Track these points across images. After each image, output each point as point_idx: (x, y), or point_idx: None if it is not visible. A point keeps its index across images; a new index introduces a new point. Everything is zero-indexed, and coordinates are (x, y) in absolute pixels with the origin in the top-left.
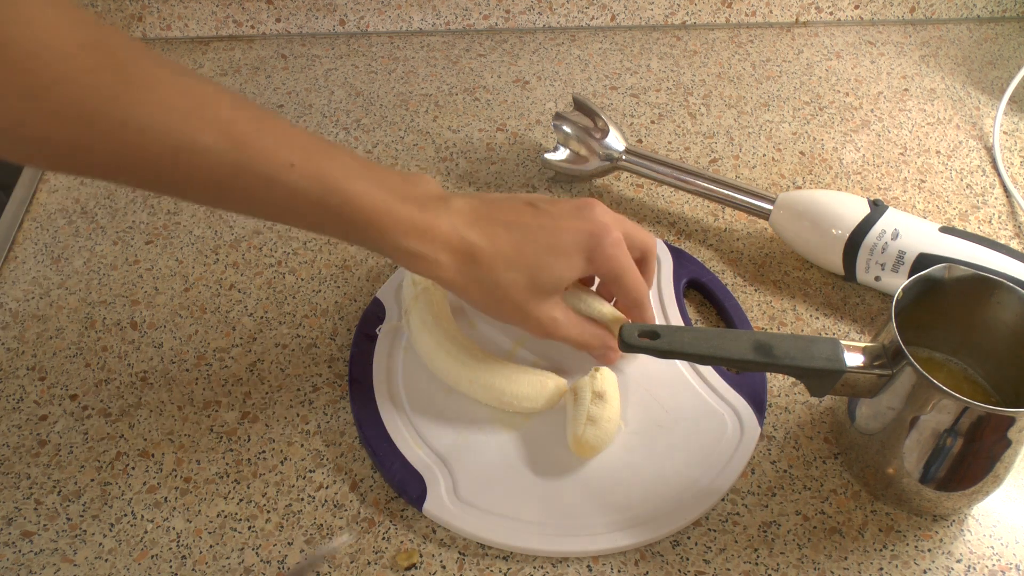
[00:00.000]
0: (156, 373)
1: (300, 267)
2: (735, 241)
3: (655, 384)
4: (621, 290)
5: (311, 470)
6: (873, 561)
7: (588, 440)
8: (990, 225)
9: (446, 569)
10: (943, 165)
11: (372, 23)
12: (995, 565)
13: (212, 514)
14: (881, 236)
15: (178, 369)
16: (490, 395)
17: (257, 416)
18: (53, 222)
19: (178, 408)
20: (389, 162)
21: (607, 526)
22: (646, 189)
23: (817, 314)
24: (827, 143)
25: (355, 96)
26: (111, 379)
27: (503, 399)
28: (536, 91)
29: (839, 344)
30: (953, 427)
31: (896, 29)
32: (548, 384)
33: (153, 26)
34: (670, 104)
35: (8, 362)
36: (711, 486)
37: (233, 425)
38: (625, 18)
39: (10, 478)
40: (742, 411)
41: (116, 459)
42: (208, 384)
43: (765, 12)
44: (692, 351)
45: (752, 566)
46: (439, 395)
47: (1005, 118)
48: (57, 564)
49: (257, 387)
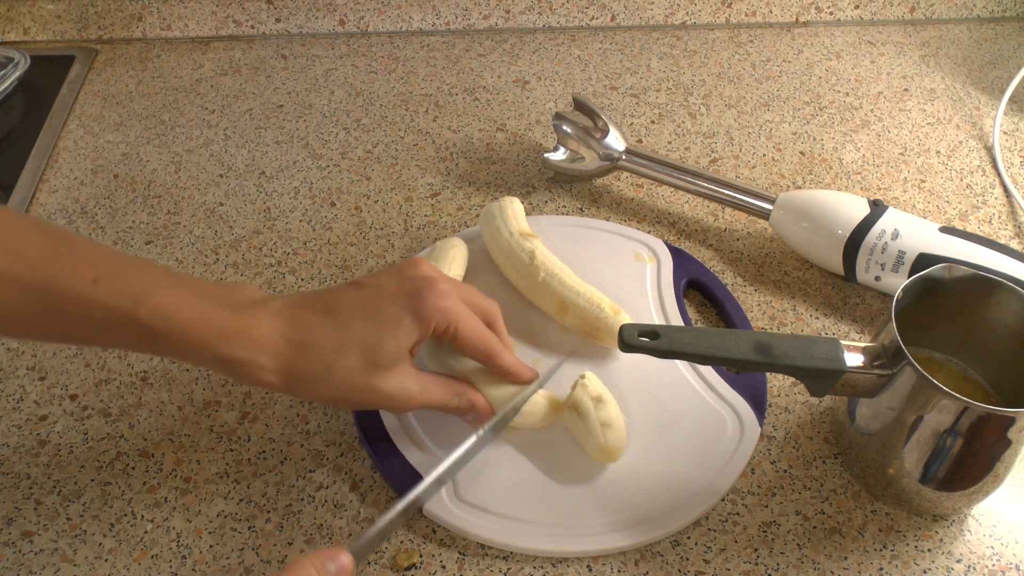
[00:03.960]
0: (156, 373)
1: (300, 267)
2: (735, 241)
3: (655, 384)
4: (460, 342)
5: (311, 470)
6: (873, 561)
7: (612, 444)
8: (990, 225)
9: (446, 569)
10: (943, 165)
11: (372, 23)
12: (995, 565)
13: (212, 514)
14: (881, 236)
15: (178, 369)
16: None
17: (257, 416)
18: (53, 222)
19: (178, 408)
20: (389, 162)
21: (607, 526)
22: (646, 189)
23: (817, 314)
24: (827, 143)
25: (355, 96)
26: (111, 379)
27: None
28: (536, 91)
29: (839, 344)
30: (953, 427)
31: (896, 29)
32: (542, 402)
33: (153, 26)
34: (670, 104)
35: (8, 362)
36: (711, 486)
37: (233, 425)
38: (625, 18)
39: (10, 478)
40: (742, 411)
41: (116, 459)
42: (208, 384)
43: (765, 12)
44: (692, 351)
45: (752, 566)
46: None
47: (1005, 118)
48: (57, 564)
49: (257, 387)
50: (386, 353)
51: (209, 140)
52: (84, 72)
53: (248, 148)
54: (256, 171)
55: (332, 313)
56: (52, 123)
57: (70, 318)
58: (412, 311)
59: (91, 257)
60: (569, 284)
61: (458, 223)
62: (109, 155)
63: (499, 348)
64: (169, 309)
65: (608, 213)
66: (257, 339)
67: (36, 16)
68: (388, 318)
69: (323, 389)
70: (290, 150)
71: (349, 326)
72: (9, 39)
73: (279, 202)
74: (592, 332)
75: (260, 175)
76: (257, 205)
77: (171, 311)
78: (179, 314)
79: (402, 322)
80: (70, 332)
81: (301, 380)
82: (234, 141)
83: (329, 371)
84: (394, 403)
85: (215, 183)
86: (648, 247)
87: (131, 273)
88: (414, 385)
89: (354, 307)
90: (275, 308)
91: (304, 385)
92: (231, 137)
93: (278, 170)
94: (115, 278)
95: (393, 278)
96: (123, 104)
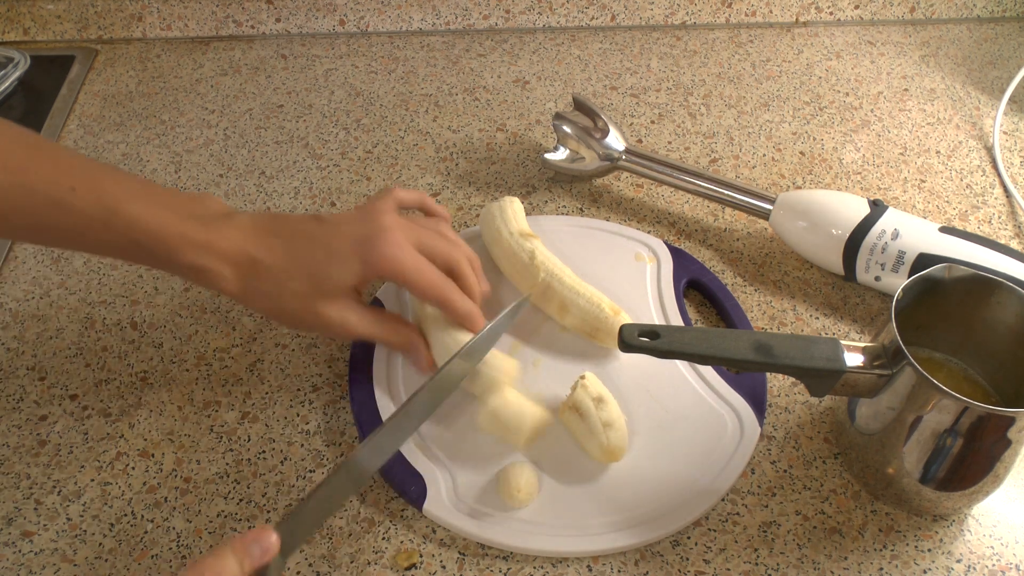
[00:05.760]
0: (156, 373)
1: None
2: (735, 241)
3: (655, 384)
4: (412, 289)
5: (311, 470)
6: (873, 561)
7: (614, 444)
8: (990, 225)
9: (446, 569)
10: (943, 165)
11: (372, 23)
12: (995, 565)
13: (212, 514)
14: (881, 236)
15: (178, 369)
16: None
17: (257, 416)
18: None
19: (178, 408)
20: (389, 162)
21: (607, 526)
22: (646, 189)
23: (817, 314)
24: (827, 143)
25: (355, 96)
26: (111, 379)
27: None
28: (536, 91)
29: (839, 344)
30: (953, 427)
31: (896, 29)
32: (527, 422)
33: (153, 26)
34: (670, 104)
35: (8, 362)
36: (711, 486)
37: (233, 425)
38: (625, 18)
39: (10, 478)
40: (742, 411)
41: (116, 459)
42: (208, 384)
43: (765, 12)
44: (692, 351)
45: (752, 566)
46: None
47: (1005, 118)
48: (57, 564)
49: (257, 387)
50: (329, 284)
51: (209, 140)
52: (84, 72)
53: (248, 148)
54: (256, 171)
55: (291, 239)
56: (52, 123)
57: (46, 222)
58: (360, 254)
59: (68, 165)
60: (569, 284)
61: (458, 223)
62: (109, 155)
63: (451, 295)
64: (141, 219)
65: (608, 213)
66: (221, 251)
67: (36, 16)
68: (336, 254)
69: (271, 304)
70: (290, 150)
71: (301, 254)
72: (9, 39)
73: (279, 202)
74: (592, 332)
75: (260, 175)
76: (257, 205)
77: (144, 219)
78: (150, 224)
79: (348, 261)
80: (44, 235)
81: (254, 294)
82: (234, 141)
83: (278, 290)
84: (333, 329)
85: (215, 183)
86: (648, 247)
87: (107, 182)
88: (354, 317)
89: (310, 238)
90: (239, 223)
91: (256, 298)
92: (231, 137)
93: (278, 170)
94: (91, 187)
95: (353, 220)
96: (123, 104)
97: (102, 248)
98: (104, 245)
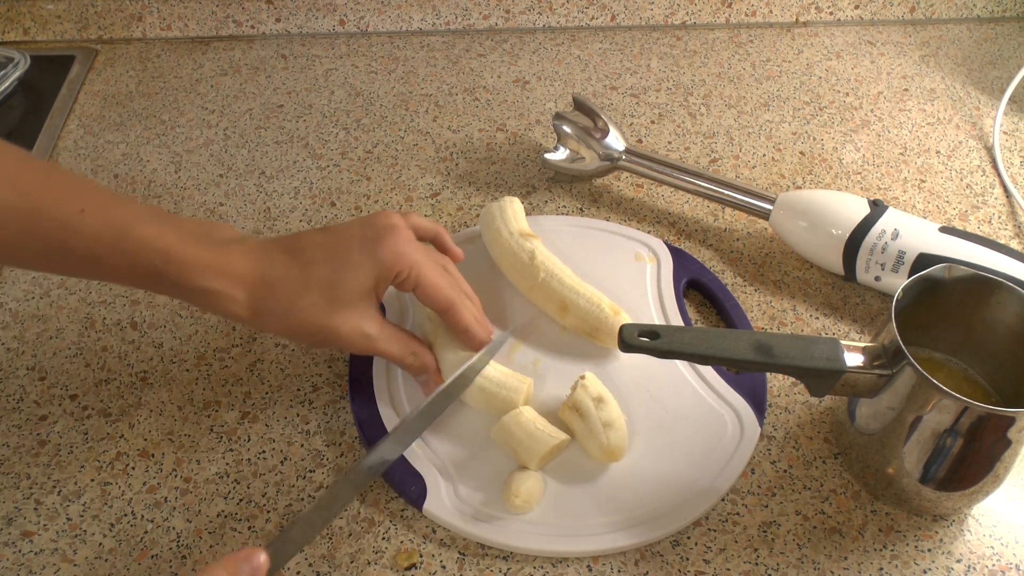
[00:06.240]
0: (156, 373)
1: None
2: (735, 241)
3: (655, 384)
4: (421, 290)
5: (311, 470)
6: (873, 561)
7: (614, 444)
8: (990, 225)
9: (446, 569)
10: (943, 165)
11: (372, 23)
12: (995, 565)
13: (212, 514)
14: (881, 236)
15: (178, 369)
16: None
17: (257, 416)
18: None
19: (178, 408)
20: (389, 162)
21: (607, 526)
22: (646, 189)
23: (817, 314)
24: (827, 143)
25: (355, 96)
26: (111, 379)
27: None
28: (536, 91)
29: (839, 344)
30: (953, 427)
31: (896, 29)
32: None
33: (153, 26)
34: (670, 104)
35: (8, 362)
36: (711, 486)
37: (233, 425)
38: (625, 18)
39: (10, 478)
40: (742, 411)
41: (116, 459)
42: (208, 384)
43: (765, 12)
44: (692, 351)
45: (752, 566)
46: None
47: (1005, 118)
48: (57, 564)
49: (257, 387)
50: (345, 291)
51: (209, 140)
52: (84, 72)
53: (248, 148)
54: (256, 171)
55: (299, 254)
56: (52, 123)
57: (56, 246)
58: (371, 253)
59: (79, 189)
60: (569, 284)
61: (458, 223)
62: (109, 155)
63: (460, 300)
64: (151, 241)
65: (608, 213)
66: (232, 273)
67: (36, 16)
68: (348, 259)
69: (286, 323)
70: (290, 150)
71: (312, 265)
72: (9, 39)
73: (279, 202)
74: (592, 332)
75: (260, 175)
76: (257, 205)
77: (154, 241)
78: (160, 246)
79: (361, 263)
80: (54, 260)
81: (267, 313)
82: (234, 141)
83: (292, 306)
84: (351, 343)
85: (215, 183)
86: (648, 247)
87: (116, 206)
88: (372, 329)
89: (319, 248)
90: (249, 246)
91: (269, 318)
92: (231, 137)
93: (278, 170)
94: (101, 210)
95: (359, 225)
96: (123, 104)
97: (111, 273)
98: (113, 270)
